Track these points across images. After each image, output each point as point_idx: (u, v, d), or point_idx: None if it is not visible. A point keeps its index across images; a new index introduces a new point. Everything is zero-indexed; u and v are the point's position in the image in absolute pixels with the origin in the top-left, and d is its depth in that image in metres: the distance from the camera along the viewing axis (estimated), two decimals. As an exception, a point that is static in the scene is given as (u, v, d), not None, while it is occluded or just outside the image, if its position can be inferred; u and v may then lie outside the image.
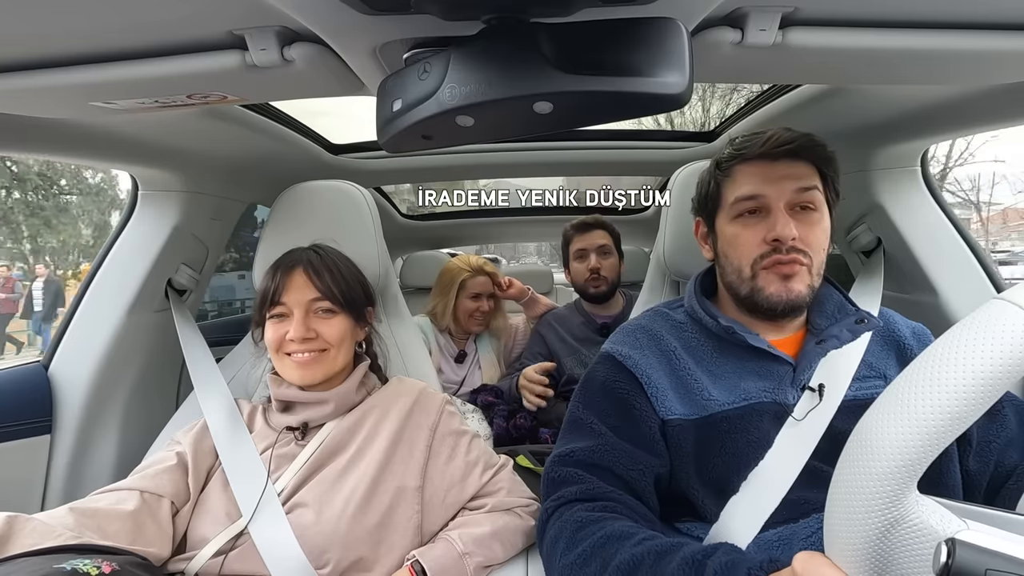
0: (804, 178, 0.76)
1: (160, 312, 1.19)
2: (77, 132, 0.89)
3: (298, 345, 0.83)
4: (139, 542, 0.70)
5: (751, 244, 0.77)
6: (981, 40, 0.59)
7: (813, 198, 0.76)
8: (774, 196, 0.76)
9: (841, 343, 0.76)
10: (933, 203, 1.17)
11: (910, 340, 0.81)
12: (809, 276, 0.76)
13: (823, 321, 0.80)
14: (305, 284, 0.85)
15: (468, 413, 1.41)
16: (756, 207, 0.77)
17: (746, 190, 0.78)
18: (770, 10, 0.55)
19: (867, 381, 0.76)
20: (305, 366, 0.84)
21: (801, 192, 0.75)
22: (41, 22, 0.51)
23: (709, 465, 0.73)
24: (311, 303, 0.85)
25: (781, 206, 0.75)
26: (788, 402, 0.74)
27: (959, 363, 0.36)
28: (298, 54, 0.57)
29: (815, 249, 0.76)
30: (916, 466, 0.37)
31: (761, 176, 0.77)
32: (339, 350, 0.87)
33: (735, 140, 0.82)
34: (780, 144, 0.76)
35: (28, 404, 1.05)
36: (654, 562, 0.58)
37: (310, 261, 0.88)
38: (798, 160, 0.77)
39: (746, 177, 0.79)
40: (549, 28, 0.43)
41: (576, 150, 1.70)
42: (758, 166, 0.78)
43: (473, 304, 1.74)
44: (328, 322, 0.86)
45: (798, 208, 0.76)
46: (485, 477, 0.86)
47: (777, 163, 0.77)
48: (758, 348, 0.76)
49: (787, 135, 0.77)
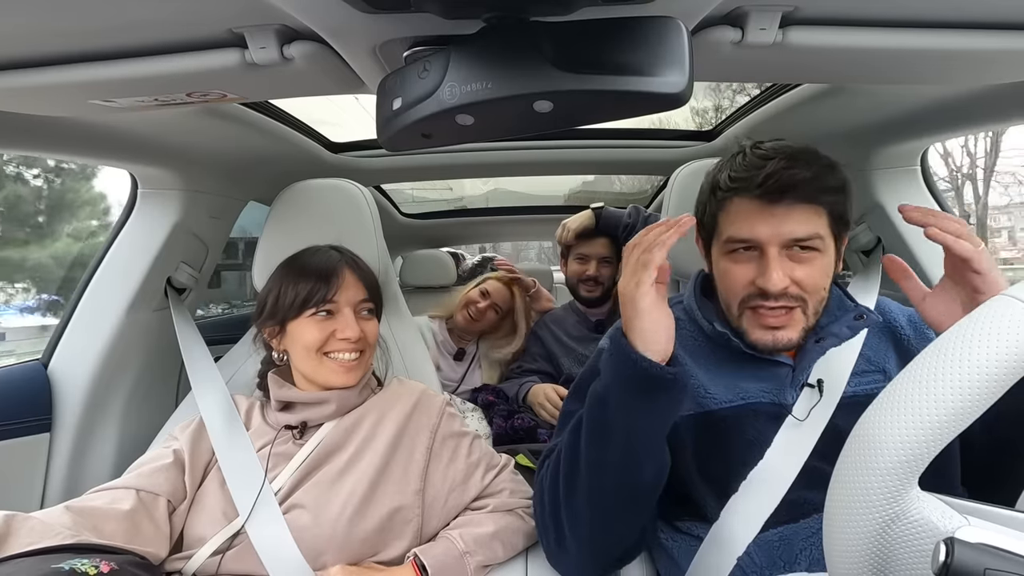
0: (804, 224, 0.69)
1: (160, 311, 1.19)
2: (76, 130, 0.89)
3: (348, 344, 0.83)
4: (136, 542, 0.70)
5: (739, 283, 0.73)
6: (981, 40, 0.59)
7: (812, 244, 0.70)
8: (768, 241, 0.69)
9: (840, 340, 0.74)
10: (933, 202, 1.18)
11: (907, 329, 0.80)
12: (804, 318, 0.72)
13: (823, 318, 0.79)
14: (355, 283, 0.86)
15: (468, 412, 1.41)
16: (749, 247, 0.72)
17: (738, 230, 0.72)
18: (770, 9, 0.55)
19: (866, 376, 0.76)
20: (351, 370, 0.84)
21: (799, 240, 0.69)
22: (40, 20, 0.51)
23: (709, 463, 0.73)
24: (360, 304, 0.86)
25: (774, 252, 0.69)
26: (787, 402, 0.73)
27: (963, 359, 0.36)
28: (298, 52, 0.57)
29: (812, 290, 0.71)
30: (918, 462, 0.37)
31: (757, 217, 0.70)
32: (372, 351, 0.88)
33: (735, 160, 0.74)
34: (781, 188, 0.68)
35: (27, 402, 1.05)
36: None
37: (353, 261, 0.89)
38: (800, 203, 0.69)
39: (741, 215, 0.72)
40: (549, 27, 0.43)
41: (576, 149, 1.70)
42: (755, 204, 0.70)
43: (476, 296, 1.75)
44: (370, 323, 0.87)
45: (797, 249, 0.70)
46: (487, 478, 0.86)
47: (776, 205, 0.69)
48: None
49: (788, 175, 0.68)
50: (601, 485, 0.66)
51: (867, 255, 1.22)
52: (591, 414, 0.67)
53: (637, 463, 0.65)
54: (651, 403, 0.63)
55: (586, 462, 0.66)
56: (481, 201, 2.82)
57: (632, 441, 0.64)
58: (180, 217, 1.16)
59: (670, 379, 0.62)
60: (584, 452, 0.66)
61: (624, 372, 0.63)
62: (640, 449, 0.65)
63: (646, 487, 0.67)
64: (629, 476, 0.65)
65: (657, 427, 0.65)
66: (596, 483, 0.66)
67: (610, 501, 0.66)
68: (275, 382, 0.88)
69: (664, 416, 0.65)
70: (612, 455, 0.65)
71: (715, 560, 0.69)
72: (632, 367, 0.62)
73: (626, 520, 0.69)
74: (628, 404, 0.63)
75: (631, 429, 0.64)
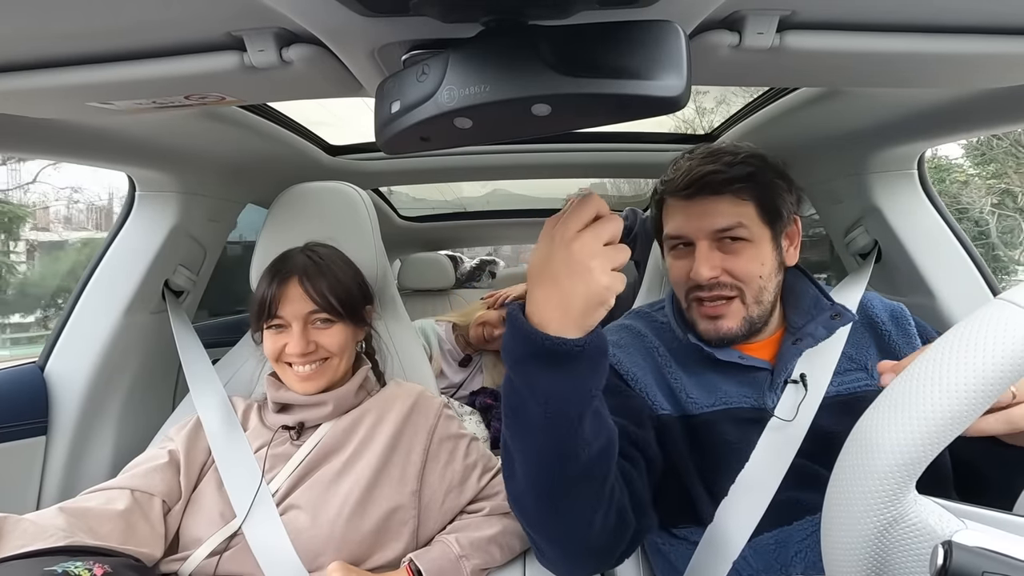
0: (724, 215, 0.73)
1: (157, 313, 1.18)
2: (74, 133, 0.88)
3: (299, 359, 0.83)
4: (131, 542, 0.69)
5: (680, 277, 0.78)
6: (978, 44, 0.59)
7: (738, 233, 0.73)
8: (695, 235, 0.75)
9: (816, 341, 0.76)
10: (930, 206, 1.18)
11: (888, 325, 0.80)
12: (743, 307, 0.75)
13: (799, 319, 0.79)
14: (301, 297, 0.83)
15: (466, 416, 1.41)
16: (683, 243, 0.77)
17: (671, 227, 0.78)
18: (768, 13, 0.55)
19: (848, 375, 0.76)
20: (308, 379, 0.84)
21: (722, 231, 0.73)
22: (37, 22, 0.51)
23: (699, 464, 0.73)
24: (309, 315, 0.84)
25: (703, 244, 0.74)
26: (767, 406, 0.73)
27: (960, 363, 0.36)
28: (296, 55, 0.57)
29: (746, 279, 0.74)
30: (915, 465, 0.37)
31: (683, 213, 0.76)
32: (341, 358, 0.86)
33: (670, 167, 0.80)
34: (694, 181, 0.74)
35: (24, 405, 1.04)
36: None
37: (305, 269, 0.85)
38: (719, 196, 0.74)
39: (672, 212, 0.78)
40: (547, 30, 0.43)
41: (574, 152, 1.70)
42: (680, 201, 0.77)
43: (495, 320, 1.75)
44: (327, 332, 0.85)
45: (727, 240, 0.74)
46: (484, 480, 0.86)
47: (694, 200, 0.75)
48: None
49: (703, 169, 0.73)
50: (544, 474, 0.56)
51: (864, 258, 1.22)
52: (505, 405, 0.57)
53: (569, 441, 0.54)
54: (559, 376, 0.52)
55: (520, 456, 0.57)
56: (481, 203, 2.83)
57: (550, 419, 0.53)
58: (178, 220, 1.16)
59: (576, 350, 0.50)
60: (512, 447, 0.57)
61: (522, 349, 0.52)
62: (563, 424, 0.53)
63: (592, 466, 0.56)
64: (567, 459, 0.55)
65: (572, 400, 0.53)
66: (537, 474, 0.56)
67: (558, 491, 0.57)
68: (272, 384, 0.88)
69: (579, 388, 0.53)
70: (536, 439, 0.55)
71: (711, 564, 0.69)
72: (527, 341, 0.51)
73: (588, 509, 0.59)
74: (533, 380, 0.52)
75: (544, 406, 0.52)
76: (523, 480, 0.57)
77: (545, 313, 0.50)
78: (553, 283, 0.50)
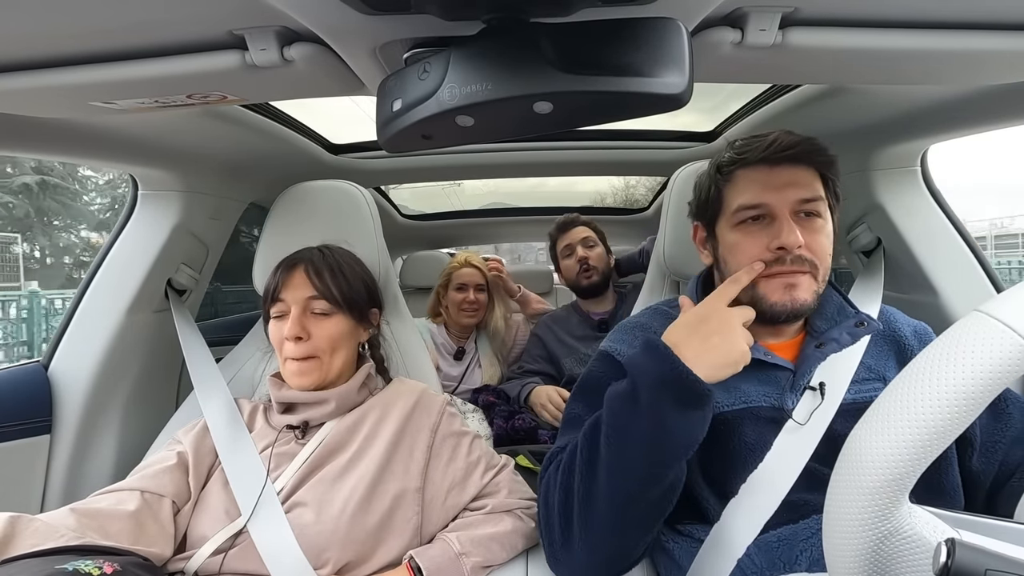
0: (808, 186, 0.74)
1: (160, 312, 1.19)
2: (77, 132, 0.89)
3: (291, 344, 0.83)
4: (141, 542, 0.70)
5: (753, 252, 0.74)
6: (981, 40, 0.59)
7: (817, 207, 0.74)
8: (778, 204, 0.73)
9: (841, 347, 0.75)
10: (933, 203, 1.17)
11: (911, 340, 0.80)
12: (815, 283, 0.74)
13: (823, 324, 0.79)
14: (304, 282, 0.86)
15: (468, 413, 1.41)
16: (759, 215, 0.75)
17: (748, 198, 0.75)
18: (770, 10, 0.55)
19: (866, 384, 0.76)
20: (300, 374, 0.85)
21: (805, 202, 0.73)
22: (40, 21, 0.51)
23: (710, 464, 0.73)
24: (308, 301, 0.85)
25: (786, 213, 0.73)
26: (787, 407, 0.73)
27: (940, 378, 0.37)
28: (298, 54, 0.57)
29: (820, 256, 0.74)
30: (904, 480, 0.37)
31: (763, 183, 0.74)
32: (331, 355, 0.86)
33: (735, 143, 0.79)
34: (783, 149, 0.73)
35: (27, 404, 1.05)
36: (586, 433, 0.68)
37: (312, 260, 0.88)
38: (800, 165, 0.74)
39: (748, 183, 0.76)
40: (549, 28, 0.43)
41: (576, 150, 1.70)
42: (760, 171, 0.75)
43: (459, 295, 1.80)
44: (323, 323, 0.85)
45: (802, 215, 0.74)
46: (486, 478, 0.86)
47: (779, 168, 0.74)
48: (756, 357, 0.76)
49: (789, 139, 0.74)
50: (626, 490, 0.64)
51: (868, 256, 1.22)
52: (613, 418, 0.65)
53: (662, 469, 0.63)
54: (683, 414, 0.62)
55: (607, 466, 0.64)
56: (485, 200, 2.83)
57: (657, 447, 0.62)
58: (180, 218, 1.16)
59: (707, 394, 0.61)
60: (604, 456, 0.64)
61: (664, 376, 0.62)
62: (667, 456, 0.63)
63: (664, 495, 0.66)
64: (652, 483, 0.64)
65: (683, 439, 0.63)
66: (619, 488, 0.64)
67: (630, 509, 0.64)
68: (274, 384, 0.88)
69: (691, 430, 0.63)
70: (634, 460, 0.63)
71: (715, 561, 0.69)
72: (672, 372, 0.61)
73: (643, 528, 0.67)
74: (660, 409, 0.61)
75: (658, 434, 0.62)
76: (604, 487, 0.64)
77: (688, 358, 0.61)
78: (705, 338, 0.63)
